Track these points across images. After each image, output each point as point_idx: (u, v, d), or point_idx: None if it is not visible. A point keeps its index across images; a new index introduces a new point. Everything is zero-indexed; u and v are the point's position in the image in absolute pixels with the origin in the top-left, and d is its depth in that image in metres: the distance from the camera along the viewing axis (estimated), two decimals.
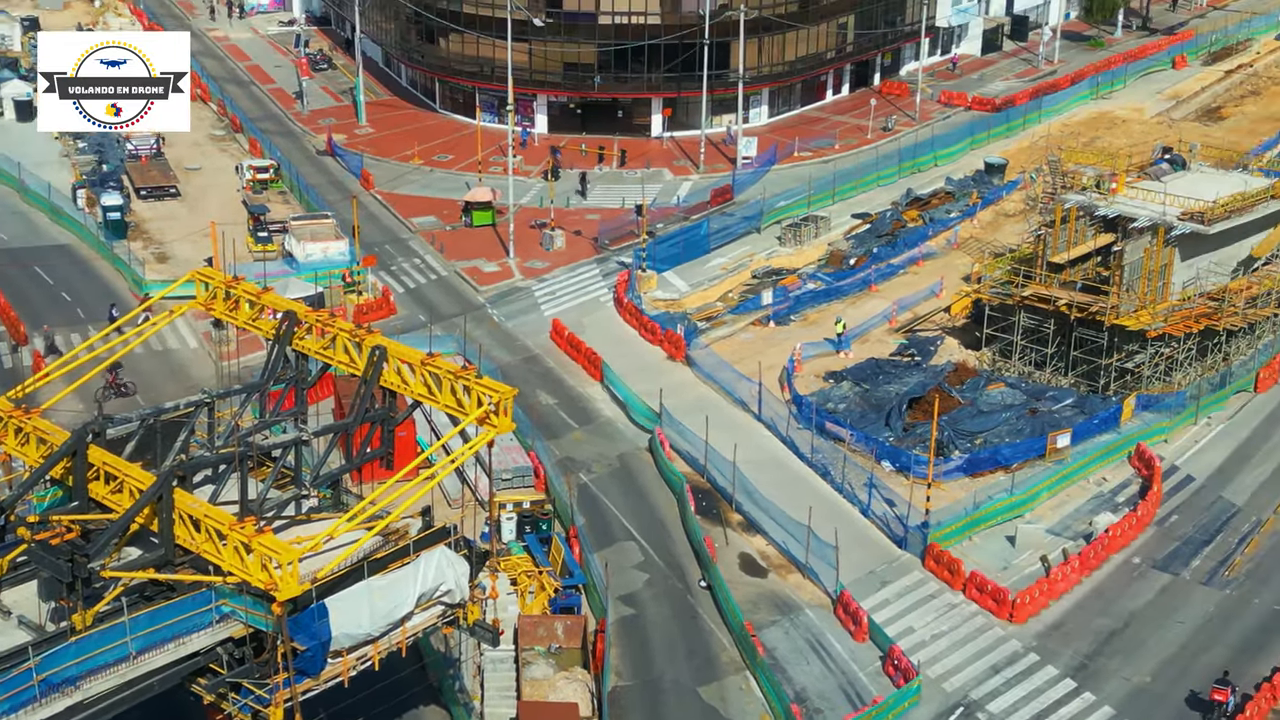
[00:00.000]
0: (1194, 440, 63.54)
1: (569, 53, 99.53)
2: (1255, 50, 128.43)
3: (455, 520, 42.75)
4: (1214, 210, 66.96)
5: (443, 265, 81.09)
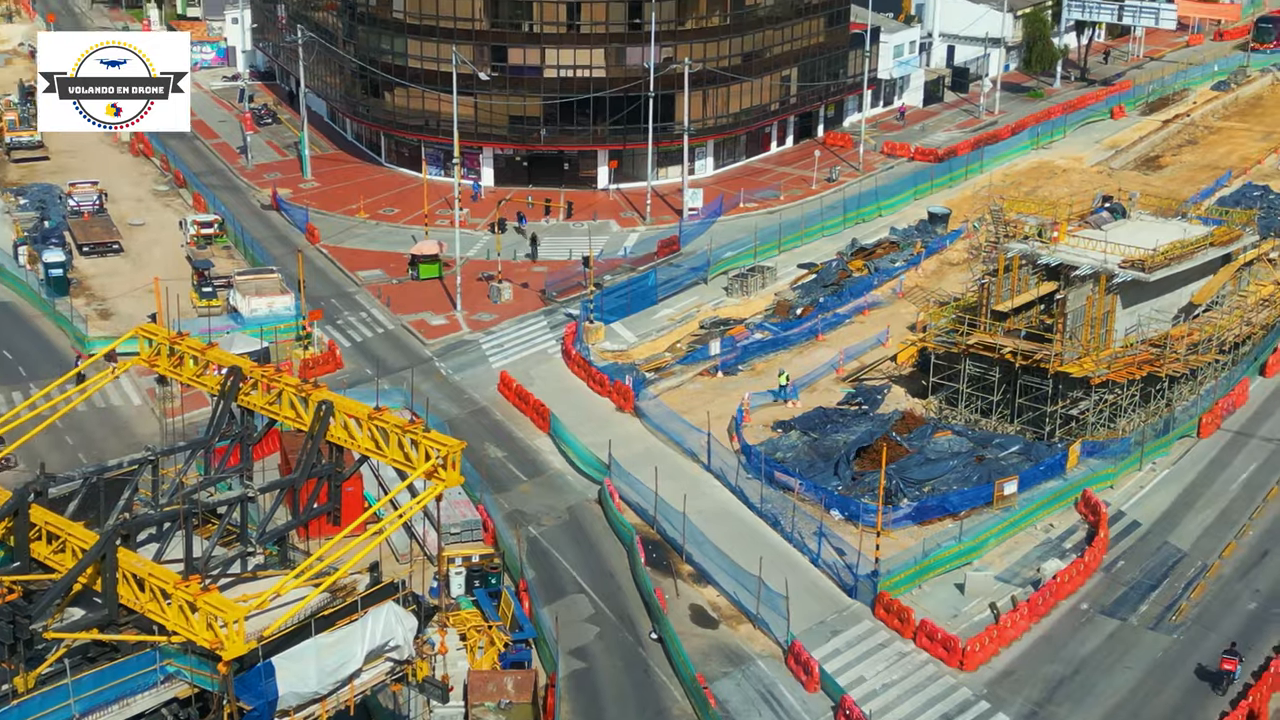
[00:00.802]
0: (1139, 486, 64.03)
1: (515, 106, 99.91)
2: (1192, 100, 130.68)
3: (403, 575, 42.48)
4: (1154, 258, 67.79)
5: (389, 319, 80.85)
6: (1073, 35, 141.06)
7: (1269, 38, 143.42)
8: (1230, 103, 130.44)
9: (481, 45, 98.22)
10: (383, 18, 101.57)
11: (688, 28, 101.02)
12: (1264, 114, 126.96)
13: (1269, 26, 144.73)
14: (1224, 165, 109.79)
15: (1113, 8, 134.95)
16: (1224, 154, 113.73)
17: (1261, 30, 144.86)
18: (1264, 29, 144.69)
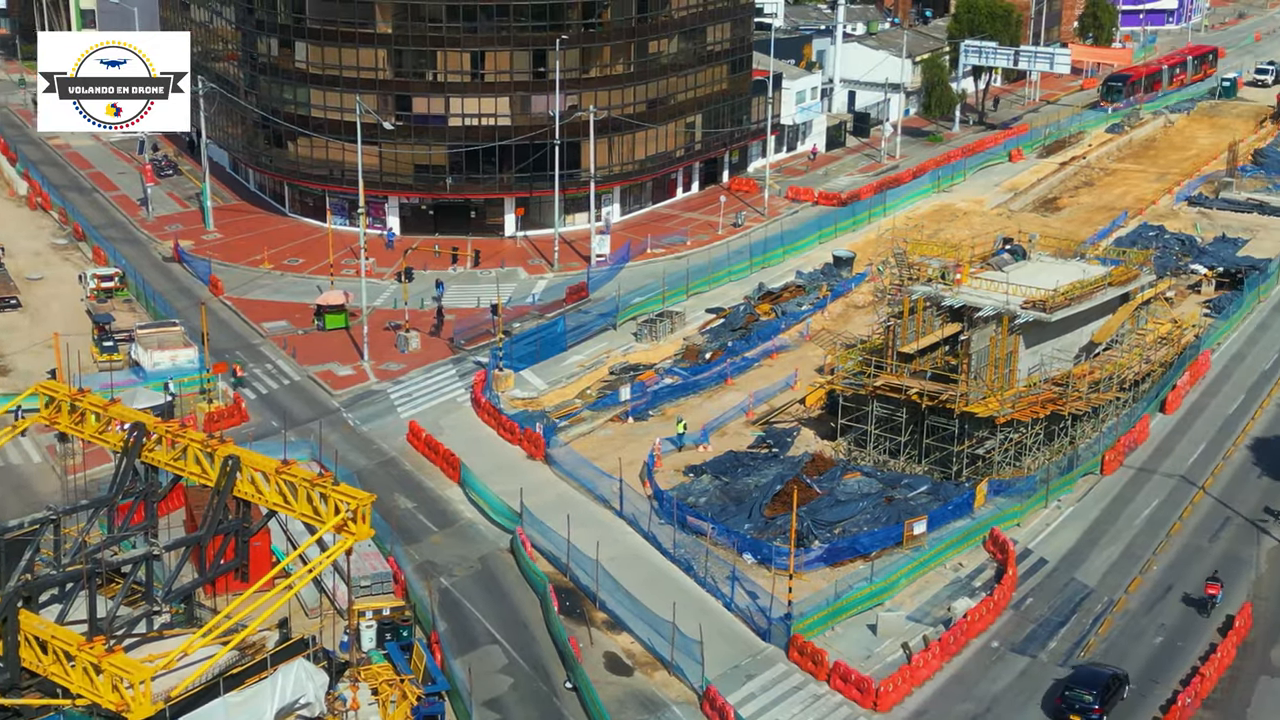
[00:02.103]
0: (1045, 523, 64.86)
1: (420, 154, 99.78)
2: (1087, 143, 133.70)
3: (314, 631, 41.95)
4: (1055, 298, 68.96)
5: (295, 370, 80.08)
6: (970, 80, 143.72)
7: (1118, 97, 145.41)
8: (1124, 145, 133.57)
9: (385, 94, 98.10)
10: (285, 68, 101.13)
11: (592, 76, 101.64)
12: (1157, 155, 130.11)
13: (1118, 85, 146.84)
14: (1120, 206, 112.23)
15: (1008, 53, 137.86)
16: (1120, 195, 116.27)
17: (1110, 89, 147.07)
18: (1113, 87, 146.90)
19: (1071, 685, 51.16)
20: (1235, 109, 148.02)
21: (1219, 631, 55.79)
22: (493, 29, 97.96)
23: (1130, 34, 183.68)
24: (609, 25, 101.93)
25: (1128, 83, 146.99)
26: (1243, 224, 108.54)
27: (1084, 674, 51.90)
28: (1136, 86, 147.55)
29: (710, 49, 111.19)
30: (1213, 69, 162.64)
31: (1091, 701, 50.06)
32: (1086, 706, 50.03)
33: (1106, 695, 50.71)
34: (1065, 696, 50.80)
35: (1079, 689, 50.73)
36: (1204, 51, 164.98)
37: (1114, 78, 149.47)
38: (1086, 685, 50.88)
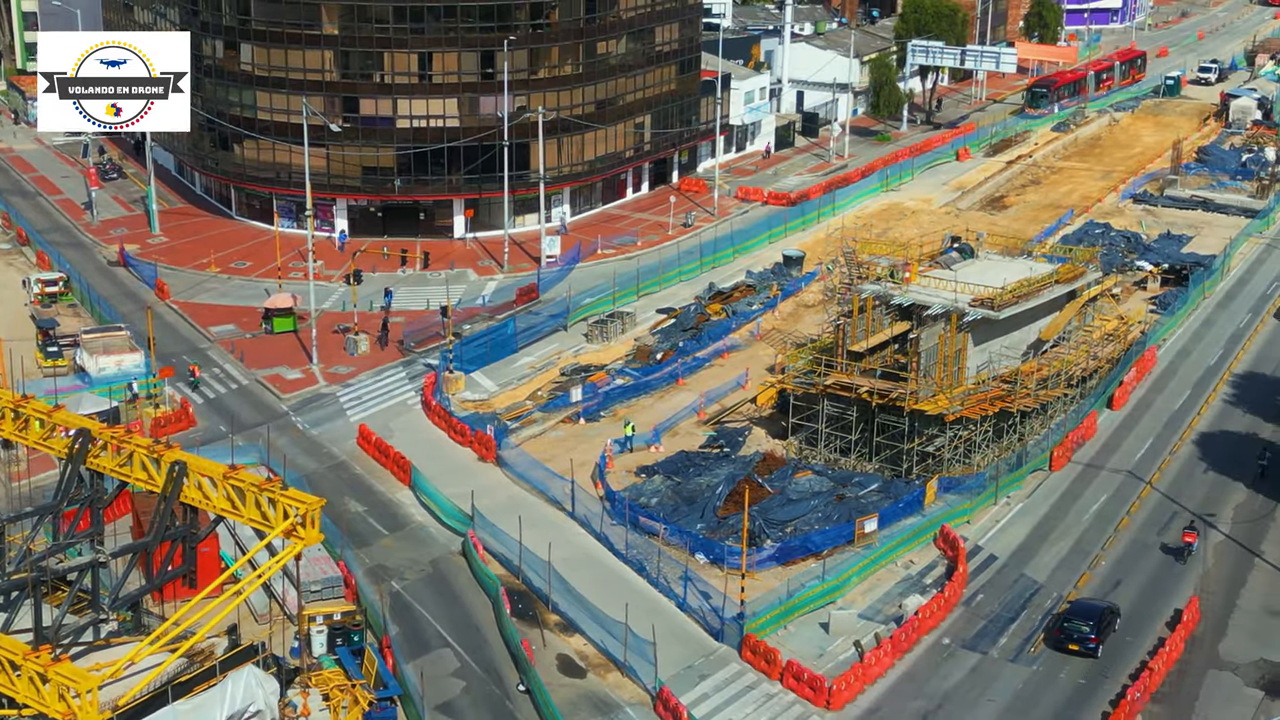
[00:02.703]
0: (995, 520, 65.24)
1: (368, 156, 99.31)
2: (1033, 142, 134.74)
3: (263, 637, 41.65)
4: (1003, 296, 69.39)
5: (243, 374, 79.50)
6: (917, 80, 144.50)
7: (1043, 103, 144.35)
8: (1070, 143, 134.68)
9: (332, 96, 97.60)
10: (230, 70, 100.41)
11: (540, 77, 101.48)
12: (1102, 154, 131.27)
13: (1043, 91, 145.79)
14: (1066, 204, 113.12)
15: (955, 53, 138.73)
16: (1066, 193, 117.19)
17: (1036, 95, 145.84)
18: (1038, 94, 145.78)
19: (1069, 618, 55.34)
20: (1179, 107, 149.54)
21: (1167, 626, 56.29)
22: (440, 30, 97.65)
23: (1075, 33, 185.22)
24: (557, 26, 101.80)
25: (1053, 89, 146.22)
26: (1187, 221, 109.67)
27: (1080, 607, 56.07)
28: (1062, 92, 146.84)
29: (659, 49, 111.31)
30: (1141, 73, 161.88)
31: (1088, 631, 54.44)
32: (1084, 636, 54.35)
33: (1101, 626, 54.85)
34: (1064, 628, 55.00)
35: (1076, 620, 55.04)
36: (1132, 56, 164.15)
37: (1038, 83, 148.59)
38: (1083, 617, 55.16)
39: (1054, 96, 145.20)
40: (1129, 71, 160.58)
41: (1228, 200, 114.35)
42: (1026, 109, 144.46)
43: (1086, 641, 54.40)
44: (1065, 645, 54.64)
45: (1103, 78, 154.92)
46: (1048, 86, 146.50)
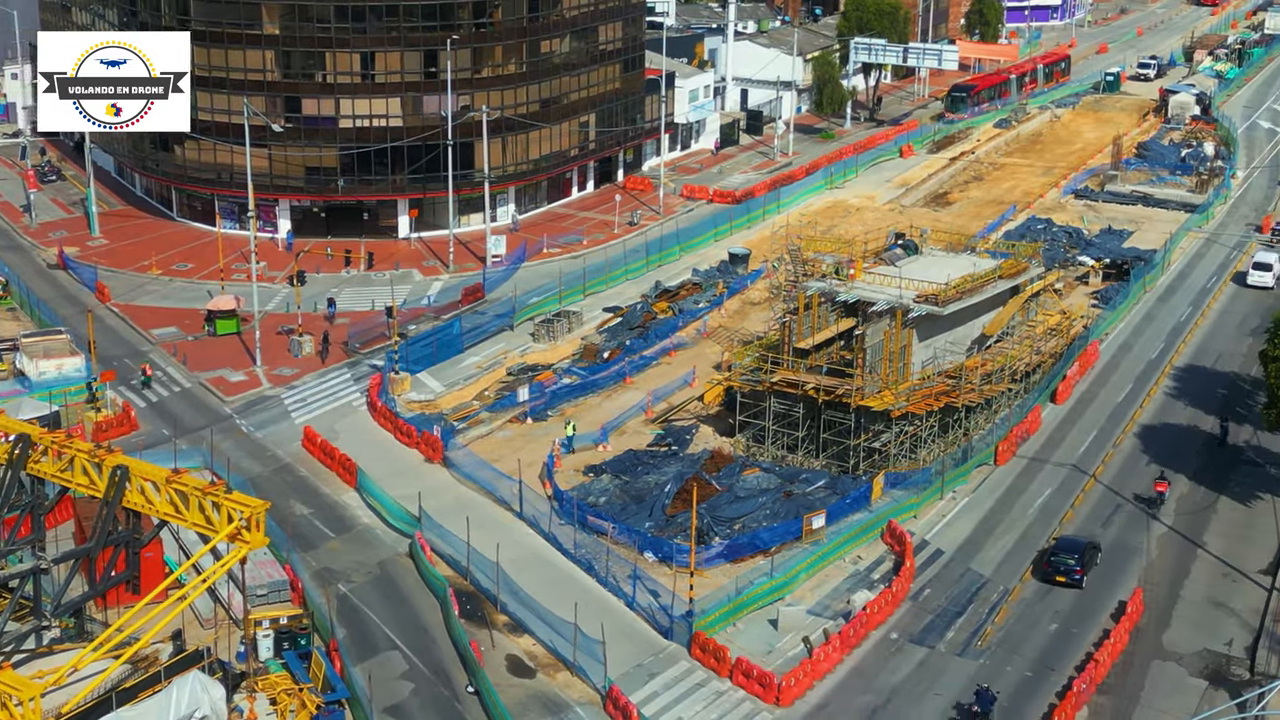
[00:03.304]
0: (941, 515, 65.59)
1: (310, 157, 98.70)
2: (976, 138, 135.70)
3: (209, 642, 41.28)
4: (947, 292, 69.79)
5: (186, 377, 78.79)
6: (861, 77, 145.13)
7: (962, 107, 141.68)
8: (1012, 140, 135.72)
9: (274, 96, 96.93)
10: None
11: (484, 76, 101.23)
12: (1044, 150, 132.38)
13: (963, 95, 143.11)
14: (1008, 200, 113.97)
15: (897, 50, 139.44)
16: (1008, 189, 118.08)
17: (955, 99, 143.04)
18: (958, 98, 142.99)
19: (1056, 552, 60.12)
20: (1119, 103, 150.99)
21: (1112, 617, 56.79)
22: (382, 29, 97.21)
23: (1016, 30, 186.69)
24: (500, 25, 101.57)
25: (972, 93, 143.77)
26: (1128, 216, 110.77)
27: (1065, 542, 60.93)
28: (982, 96, 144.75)
29: (602, 48, 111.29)
30: (1066, 76, 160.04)
31: (1074, 564, 59.12)
32: (1070, 568, 59.03)
33: (1084, 559, 59.51)
34: (1051, 561, 59.68)
35: (1062, 554, 59.75)
36: (1056, 58, 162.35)
37: (958, 88, 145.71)
38: (1068, 551, 59.91)
39: (973, 101, 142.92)
40: (1053, 74, 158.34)
41: (1167, 195, 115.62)
42: (946, 113, 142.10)
43: (1072, 573, 58.89)
44: (1053, 578, 59.15)
45: (1025, 80, 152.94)
46: (967, 91, 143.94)
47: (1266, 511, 65.69)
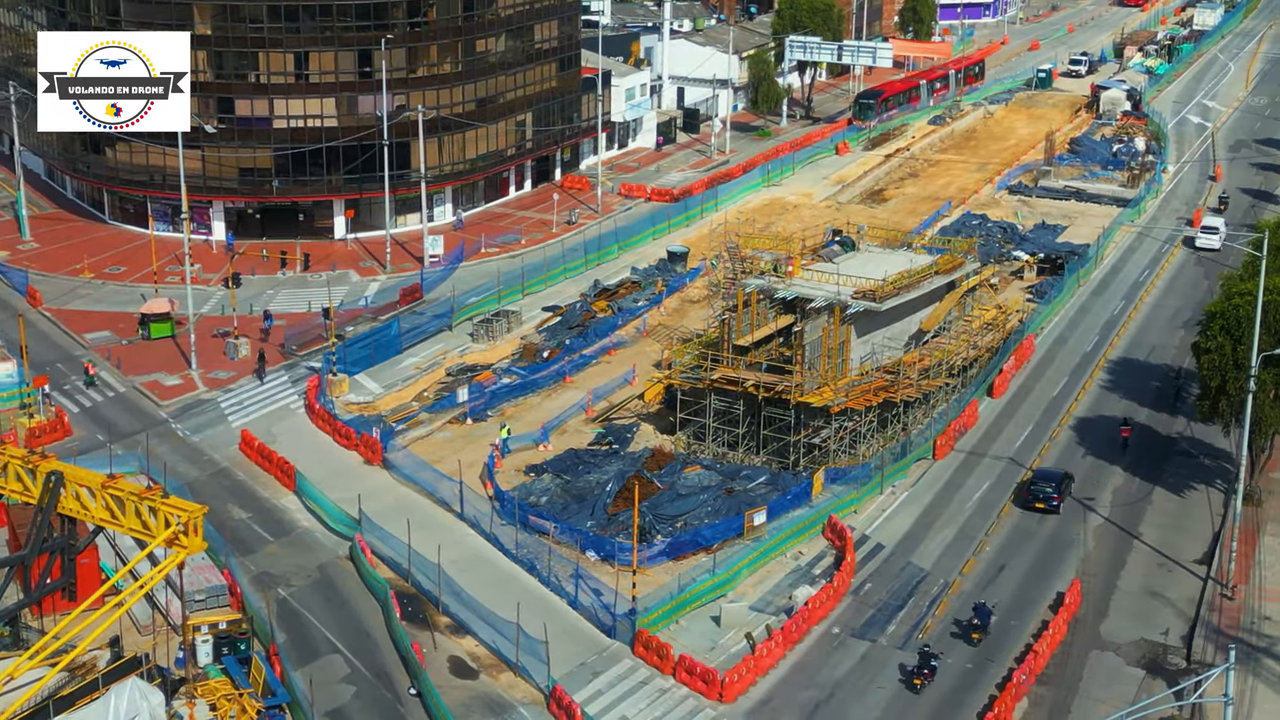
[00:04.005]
0: (881, 509, 65.97)
1: (244, 158, 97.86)
2: (911, 135, 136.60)
3: (147, 648, 40.84)
4: (884, 288, 70.21)
5: (120, 381, 77.90)
6: (796, 75, 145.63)
7: (870, 114, 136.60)
8: (946, 136, 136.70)
9: (207, 97, 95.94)
10: None
11: (420, 75, 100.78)
12: (978, 146, 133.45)
13: (870, 102, 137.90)
14: (944, 196, 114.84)
15: (832, 48, 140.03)
16: (943, 185, 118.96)
17: (863, 106, 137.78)
18: (865, 105, 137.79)
19: (1035, 481, 65.87)
20: (1051, 99, 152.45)
21: (1050, 608, 57.33)
22: (316, 29, 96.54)
23: (949, 28, 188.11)
24: (435, 24, 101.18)
25: (880, 99, 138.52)
26: (1061, 211, 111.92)
27: (1043, 473, 66.83)
28: (891, 102, 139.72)
29: (538, 47, 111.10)
30: (979, 80, 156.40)
31: (1051, 491, 65.03)
32: (1048, 495, 64.95)
33: (1061, 487, 65.35)
34: (1031, 490, 65.42)
35: (1041, 483, 65.55)
36: (969, 63, 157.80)
37: (865, 94, 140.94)
38: (1046, 480, 65.74)
39: (880, 107, 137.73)
40: (965, 79, 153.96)
41: (1100, 190, 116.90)
42: (853, 120, 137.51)
43: (1050, 499, 64.85)
44: (1033, 504, 64.92)
45: (936, 86, 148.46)
46: (874, 98, 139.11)
47: (1200, 502, 66.58)
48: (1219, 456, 70.57)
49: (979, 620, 55.22)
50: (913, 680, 52.06)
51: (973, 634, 55.04)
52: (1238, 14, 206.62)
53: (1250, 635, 55.51)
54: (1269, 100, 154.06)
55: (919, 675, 51.99)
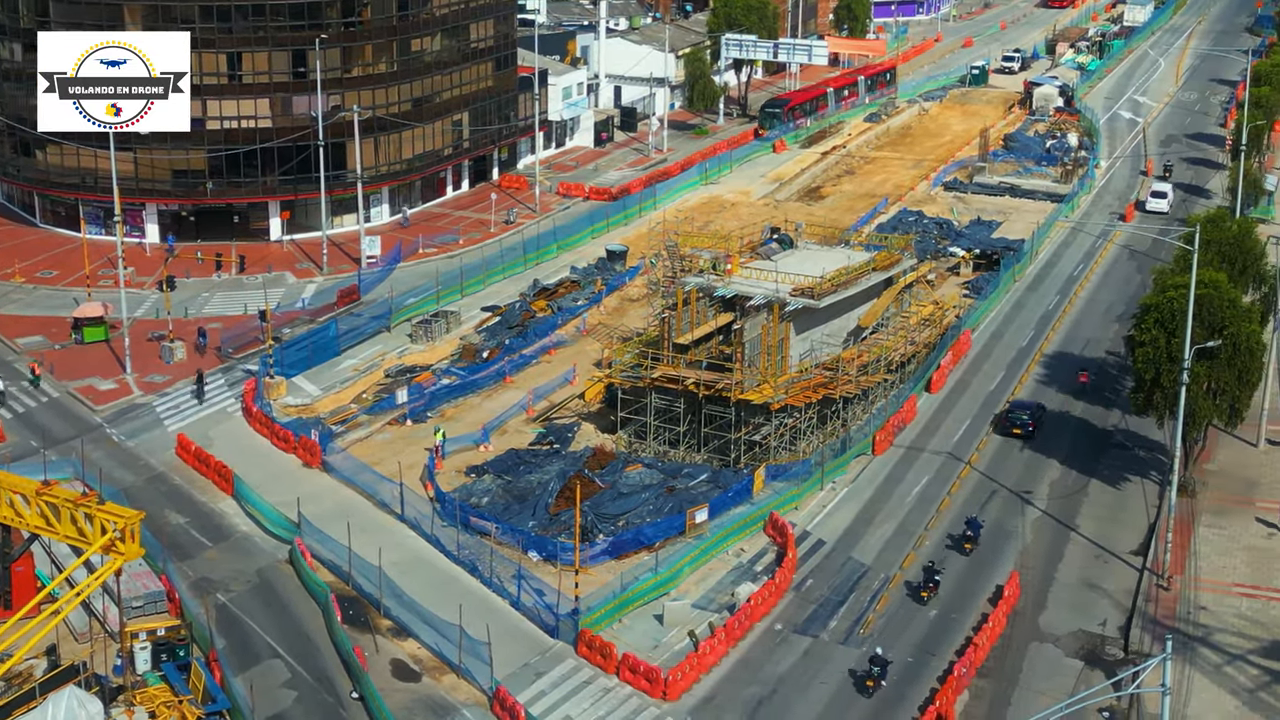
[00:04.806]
0: (822, 505, 66.26)
1: (177, 159, 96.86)
2: (847, 133, 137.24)
3: (84, 656, 40.36)
4: (822, 285, 70.51)
5: (53, 386, 76.91)
6: (732, 73, 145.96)
7: (775, 123, 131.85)
8: (882, 133, 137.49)
9: None
10: (30, 73, 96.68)
11: (355, 75, 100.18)
12: (913, 143, 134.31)
13: (775, 112, 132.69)
14: (880, 193, 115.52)
15: (768, 46, 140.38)
16: (879, 182, 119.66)
17: (768, 115, 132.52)
18: (770, 114, 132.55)
19: (1012, 410, 73.75)
20: (985, 96, 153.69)
21: (990, 601, 57.79)
22: (249, 29, 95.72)
23: (883, 25, 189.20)
24: (370, 24, 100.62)
25: (786, 109, 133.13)
26: (996, 207, 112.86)
27: (1019, 403, 74.74)
28: (797, 111, 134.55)
29: (474, 46, 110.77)
30: (890, 87, 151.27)
31: (1027, 418, 72.60)
32: (1024, 421, 72.42)
33: (1035, 415, 72.98)
34: (1008, 417, 73.26)
35: (1017, 411, 73.28)
36: (879, 70, 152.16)
37: (771, 103, 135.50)
38: (1022, 409, 73.45)
39: (786, 116, 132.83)
40: (875, 86, 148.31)
41: (1034, 186, 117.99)
42: (758, 132, 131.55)
43: (1026, 425, 72.18)
44: (1010, 430, 72.36)
45: (843, 94, 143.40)
46: (779, 107, 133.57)
47: (1136, 494, 67.35)
48: (1153, 449, 71.43)
49: (970, 531, 61.46)
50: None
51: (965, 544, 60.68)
52: (1167, 10, 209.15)
53: (1186, 625, 56.22)
54: (1199, 95, 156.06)
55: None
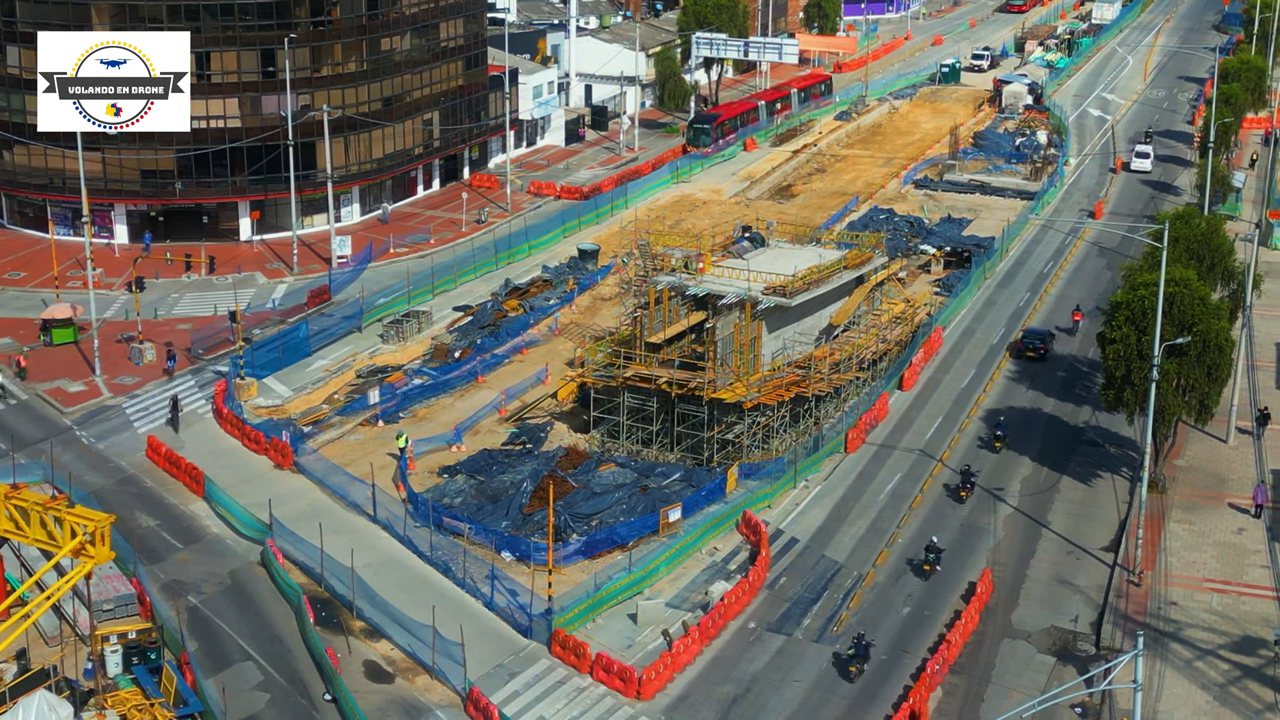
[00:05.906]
0: (795, 503, 66.33)
1: (146, 160, 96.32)
2: (817, 131, 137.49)
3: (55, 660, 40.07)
4: (794, 283, 70.59)
5: (22, 388, 76.40)
6: (702, 72, 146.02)
7: (705, 140, 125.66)
8: (853, 131, 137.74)
9: None
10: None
11: (324, 74, 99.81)
12: (884, 141, 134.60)
13: (705, 127, 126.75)
14: (851, 191, 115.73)
15: (739, 44, 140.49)
16: (850, 180, 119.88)
17: (697, 132, 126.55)
18: (700, 130, 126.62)
19: (1026, 336, 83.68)
20: (955, 94, 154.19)
21: (962, 598, 57.95)
22: (218, 28, 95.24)
23: (853, 23, 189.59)
24: (339, 23, 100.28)
25: (715, 124, 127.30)
26: (967, 204, 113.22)
27: (1032, 330, 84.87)
28: (727, 126, 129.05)
29: (444, 45, 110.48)
30: (825, 97, 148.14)
31: (1039, 342, 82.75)
32: (1037, 345, 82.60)
33: (1045, 340, 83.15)
34: (1024, 342, 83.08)
35: (1031, 337, 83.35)
36: (814, 81, 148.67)
37: (700, 118, 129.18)
38: (1035, 335, 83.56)
39: (716, 132, 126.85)
40: (810, 97, 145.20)
41: (1004, 183, 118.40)
42: (687, 147, 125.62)
43: (1039, 349, 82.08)
44: (1025, 353, 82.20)
45: (776, 106, 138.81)
46: (709, 121, 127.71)
47: (1107, 490, 67.64)
48: (1124, 445, 71.77)
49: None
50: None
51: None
52: (1135, 8, 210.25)
53: (1158, 621, 56.50)
54: (1166, 92, 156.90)
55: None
